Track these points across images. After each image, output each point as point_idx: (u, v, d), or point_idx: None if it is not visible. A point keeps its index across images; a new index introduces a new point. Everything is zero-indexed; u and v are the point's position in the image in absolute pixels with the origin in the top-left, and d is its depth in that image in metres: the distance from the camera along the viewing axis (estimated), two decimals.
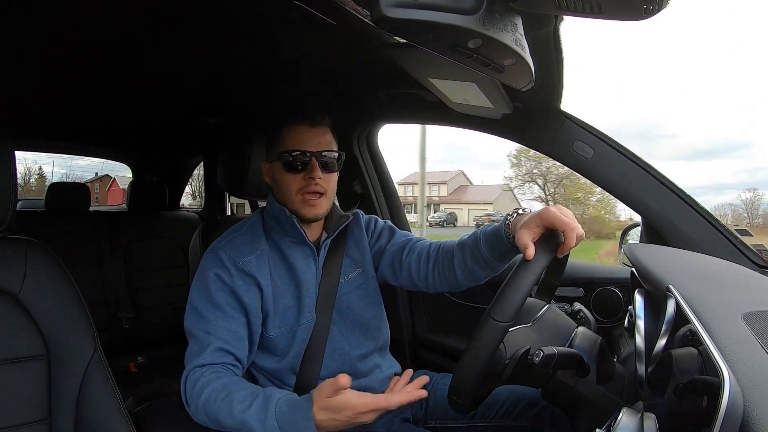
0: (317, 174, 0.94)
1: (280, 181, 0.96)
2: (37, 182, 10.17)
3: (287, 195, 0.96)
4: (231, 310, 0.90)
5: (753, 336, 0.53)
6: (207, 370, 0.84)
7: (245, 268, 0.92)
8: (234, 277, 0.92)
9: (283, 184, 0.96)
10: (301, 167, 0.94)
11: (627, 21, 0.50)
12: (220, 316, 0.89)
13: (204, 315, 0.89)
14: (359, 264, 1.06)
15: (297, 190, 0.95)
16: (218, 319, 0.89)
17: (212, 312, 0.89)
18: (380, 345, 1.09)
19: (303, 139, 0.95)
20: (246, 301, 0.91)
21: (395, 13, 0.45)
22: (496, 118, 1.18)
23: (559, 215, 0.73)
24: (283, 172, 0.95)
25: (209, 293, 0.91)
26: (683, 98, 49.87)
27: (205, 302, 0.90)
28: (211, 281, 0.91)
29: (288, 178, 0.95)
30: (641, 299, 0.78)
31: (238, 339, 0.89)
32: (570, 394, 0.74)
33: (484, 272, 0.92)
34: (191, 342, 0.89)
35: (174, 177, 2.68)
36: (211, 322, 0.88)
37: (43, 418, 0.79)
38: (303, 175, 0.94)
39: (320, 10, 0.80)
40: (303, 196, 0.95)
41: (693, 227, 1.03)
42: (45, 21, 0.91)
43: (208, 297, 0.91)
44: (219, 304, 0.90)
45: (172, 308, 2.12)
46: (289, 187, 0.95)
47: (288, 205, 0.96)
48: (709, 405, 0.47)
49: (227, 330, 0.88)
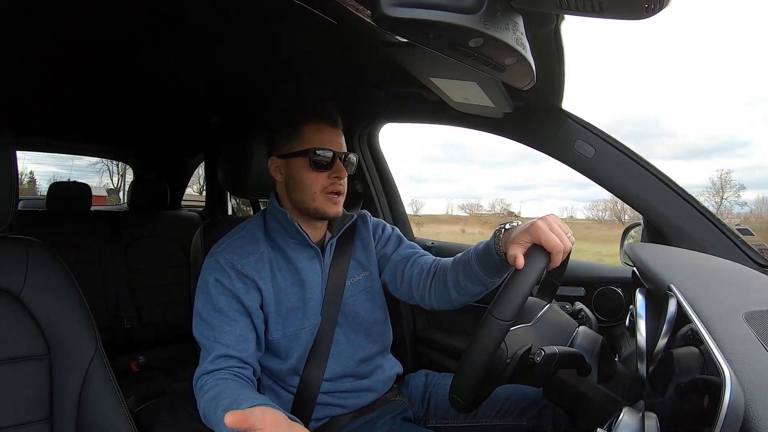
0: (343, 174, 0.96)
1: (300, 179, 0.95)
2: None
3: (308, 193, 0.95)
4: (234, 313, 0.90)
5: (754, 335, 0.53)
6: (211, 377, 0.84)
7: (244, 270, 0.92)
8: (233, 280, 0.92)
9: (305, 183, 0.95)
10: (327, 167, 0.95)
11: (628, 20, 0.50)
12: (224, 320, 0.89)
13: (208, 321, 0.89)
14: (365, 267, 1.06)
15: (321, 188, 0.95)
16: (222, 324, 0.89)
17: (216, 317, 0.89)
18: (384, 347, 1.09)
19: (328, 139, 0.95)
20: (247, 303, 0.91)
21: (396, 12, 0.45)
22: (497, 117, 1.18)
23: (547, 233, 0.72)
24: (308, 171, 0.94)
25: (211, 298, 0.91)
26: (682, 97, 49.90)
27: (208, 308, 0.91)
28: (211, 286, 0.91)
29: (312, 175, 0.94)
30: (642, 298, 0.78)
31: (243, 341, 0.89)
32: (571, 393, 0.74)
33: (476, 288, 0.92)
34: (201, 351, 0.90)
35: (175, 176, 2.68)
36: (215, 328, 0.89)
37: (44, 417, 0.79)
38: (328, 174, 0.95)
39: (321, 9, 0.80)
40: (327, 195, 0.95)
41: (694, 226, 1.03)
42: (45, 21, 0.91)
43: (210, 303, 0.91)
44: (221, 309, 0.90)
45: (174, 307, 2.12)
46: (313, 185, 0.95)
47: (308, 202, 0.96)
48: (711, 404, 0.47)
49: (231, 334, 0.88)
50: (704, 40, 62.74)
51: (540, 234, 0.73)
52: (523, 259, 0.73)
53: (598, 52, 47.37)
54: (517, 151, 41.10)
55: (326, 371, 0.98)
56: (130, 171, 2.94)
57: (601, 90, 45.03)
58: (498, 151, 36.43)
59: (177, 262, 2.19)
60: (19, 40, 1.00)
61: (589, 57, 42.66)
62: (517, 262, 0.73)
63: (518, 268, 0.72)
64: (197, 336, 0.91)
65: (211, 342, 0.88)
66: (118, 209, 3.12)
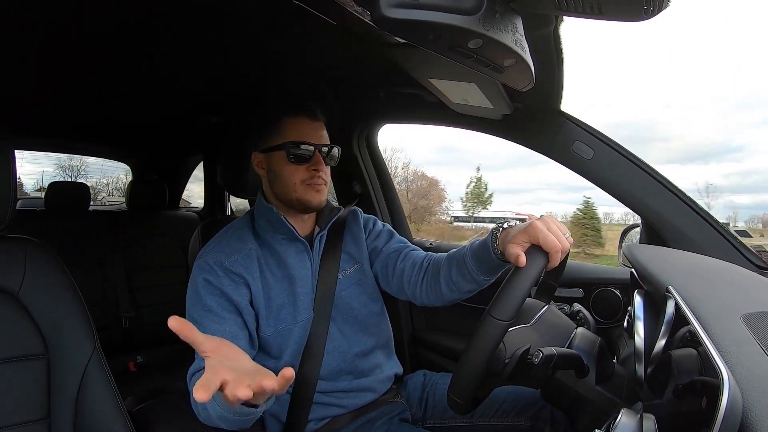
0: (322, 166, 0.96)
1: (279, 173, 0.96)
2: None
3: (288, 186, 0.96)
4: (223, 311, 0.90)
5: (752, 337, 0.53)
6: (200, 373, 0.84)
7: (232, 267, 0.93)
8: (221, 278, 0.92)
9: (284, 176, 0.96)
10: (306, 159, 0.95)
11: (627, 22, 0.50)
12: (213, 319, 0.89)
13: (198, 321, 0.89)
14: (357, 259, 1.06)
15: (301, 181, 0.95)
16: (211, 323, 0.89)
17: (205, 316, 0.89)
18: (381, 342, 1.08)
19: (306, 132, 0.96)
20: (236, 299, 0.91)
21: (395, 14, 0.46)
22: (496, 118, 1.18)
23: (545, 233, 0.73)
24: (286, 164, 0.95)
25: (200, 298, 0.91)
26: (676, 100, 49.90)
27: (198, 308, 0.91)
28: (200, 286, 0.92)
29: (290, 169, 0.95)
30: (641, 300, 0.78)
31: (233, 338, 0.89)
32: (569, 394, 0.74)
33: (468, 285, 0.92)
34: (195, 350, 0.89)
35: (174, 176, 2.68)
36: (205, 327, 0.88)
37: (42, 417, 0.79)
38: (307, 167, 0.95)
39: (320, 10, 0.80)
40: (307, 184, 0.95)
41: (692, 228, 1.03)
42: (45, 21, 0.91)
43: (200, 302, 0.91)
44: (211, 308, 0.90)
45: (172, 307, 2.11)
46: (292, 178, 0.95)
47: (290, 194, 0.96)
48: (709, 406, 0.47)
49: (220, 333, 0.88)
50: (698, 40, 62.65)
51: (538, 234, 0.73)
52: (525, 257, 0.73)
53: (592, 53, 47.02)
54: (512, 155, 40.94)
55: (323, 368, 0.97)
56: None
57: (595, 93, 44.86)
58: (493, 154, 36.27)
59: (176, 262, 2.19)
60: (19, 40, 1.00)
61: (584, 58, 42.31)
62: (519, 260, 0.72)
63: (520, 266, 0.72)
64: None
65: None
66: (117, 209, 3.12)
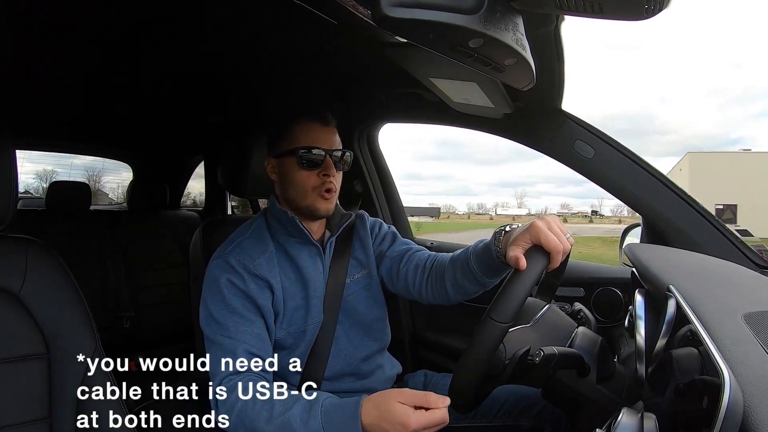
0: (333, 172, 0.95)
1: (292, 178, 0.96)
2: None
3: (300, 191, 0.95)
4: (249, 314, 0.89)
5: (753, 336, 0.53)
6: (244, 377, 0.83)
7: (256, 271, 0.92)
8: (247, 281, 0.91)
9: (296, 181, 0.95)
10: (317, 164, 0.95)
11: (628, 21, 0.50)
12: (240, 321, 0.88)
13: (222, 323, 0.88)
14: (364, 265, 1.06)
15: (313, 187, 0.95)
16: (238, 325, 0.88)
17: (230, 318, 0.88)
18: (384, 346, 1.09)
19: (317, 137, 0.95)
20: (261, 303, 0.91)
21: (396, 13, 0.45)
22: (497, 117, 1.18)
23: (547, 233, 0.73)
24: (298, 169, 0.95)
25: (224, 300, 0.90)
26: (674, 93, 49.90)
27: (221, 309, 0.89)
28: (224, 287, 0.90)
29: (303, 174, 0.95)
30: (642, 299, 0.78)
31: (262, 340, 0.89)
32: (570, 393, 0.74)
33: (474, 287, 0.92)
34: (213, 349, 0.88)
35: (174, 176, 2.68)
36: (230, 329, 0.87)
37: (43, 417, 0.79)
38: (318, 172, 0.95)
39: (321, 10, 0.80)
40: (318, 192, 0.95)
41: (693, 227, 1.03)
42: (45, 21, 0.91)
43: (223, 304, 0.89)
44: (236, 310, 0.89)
45: (173, 307, 2.12)
46: (304, 183, 0.95)
47: (300, 201, 0.96)
48: (710, 405, 0.47)
49: (250, 334, 0.87)
50: (698, 33, 62.60)
51: (540, 234, 0.73)
52: (524, 260, 0.73)
53: (590, 48, 46.92)
54: (513, 149, 41.05)
55: (327, 370, 0.98)
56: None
57: (591, 86, 44.76)
58: (494, 148, 36.37)
59: (176, 261, 2.19)
60: (19, 40, 1.00)
61: (582, 53, 42.28)
62: (519, 263, 0.73)
63: (520, 269, 0.72)
64: (208, 333, 0.89)
65: (228, 339, 0.87)
66: (118, 209, 3.12)
